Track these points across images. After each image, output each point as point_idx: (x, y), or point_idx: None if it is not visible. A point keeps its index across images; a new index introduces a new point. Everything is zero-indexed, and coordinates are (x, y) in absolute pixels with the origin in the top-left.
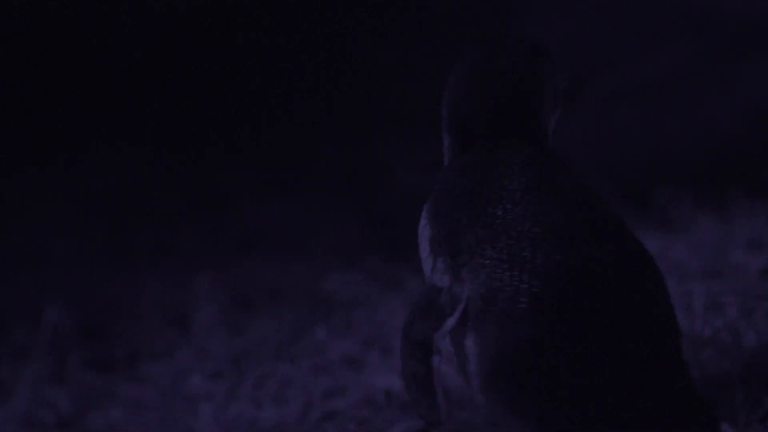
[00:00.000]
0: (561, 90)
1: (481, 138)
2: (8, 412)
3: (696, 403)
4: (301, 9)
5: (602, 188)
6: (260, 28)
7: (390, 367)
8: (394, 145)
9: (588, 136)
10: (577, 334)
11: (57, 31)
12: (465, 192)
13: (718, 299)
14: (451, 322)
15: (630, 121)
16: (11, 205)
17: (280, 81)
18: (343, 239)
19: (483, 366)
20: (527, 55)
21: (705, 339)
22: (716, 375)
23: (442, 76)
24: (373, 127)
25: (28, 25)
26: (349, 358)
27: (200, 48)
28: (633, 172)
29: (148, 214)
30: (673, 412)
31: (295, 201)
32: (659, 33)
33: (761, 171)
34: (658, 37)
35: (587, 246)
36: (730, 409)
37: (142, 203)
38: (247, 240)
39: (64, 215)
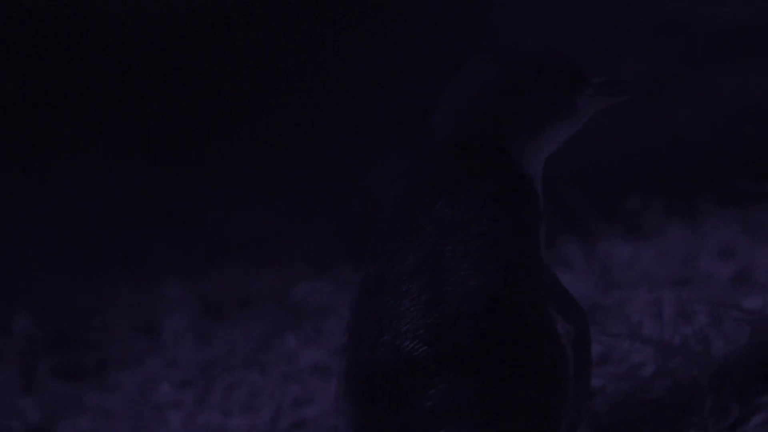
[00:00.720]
0: (562, 102)
1: (438, 157)
2: None
3: None
4: (274, 17)
5: (572, 195)
6: (231, 37)
7: None
8: (367, 153)
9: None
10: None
11: (25, 38)
12: (390, 220)
13: (688, 307)
14: None
15: (601, 127)
16: None
17: (252, 88)
18: (314, 247)
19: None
20: (501, 70)
21: (674, 347)
22: (685, 383)
23: (418, 85)
24: (345, 135)
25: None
26: (319, 366)
27: (174, 56)
28: (603, 178)
29: (117, 222)
30: None
31: (265, 208)
32: (631, 40)
33: (732, 178)
34: (629, 44)
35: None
36: (699, 417)
37: (112, 210)
38: (217, 247)
39: (34, 222)
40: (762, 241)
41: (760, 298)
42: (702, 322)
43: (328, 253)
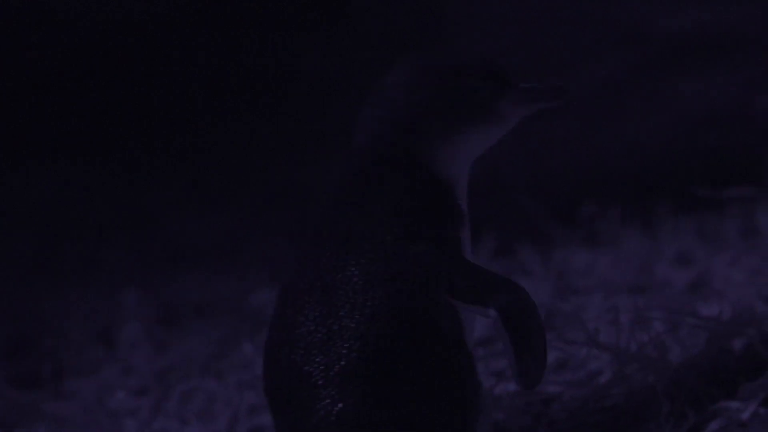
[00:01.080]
0: (481, 107)
1: (353, 167)
2: None
3: None
4: (232, 24)
5: (529, 203)
6: (188, 45)
7: None
8: (325, 160)
9: (516, 150)
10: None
11: None
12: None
13: (645, 314)
14: None
15: (558, 135)
16: None
17: (210, 95)
18: (271, 254)
19: None
20: (414, 77)
21: (631, 353)
22: (642, 389)
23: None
24: (303, 141)
25: None
26: None
27: (132, 63)
28: (560, 186)
29: (74, 229)
30: None
31: (223, 215)
32: (588, 47)
33: (688, 186)
34: (586, 51)
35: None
36: (655, 423)
37: (68, 218)
38: (175, 254)
39: None
40: (718, 249)
41: (716, 305)
42: (658, 328)
43: (285, 260)
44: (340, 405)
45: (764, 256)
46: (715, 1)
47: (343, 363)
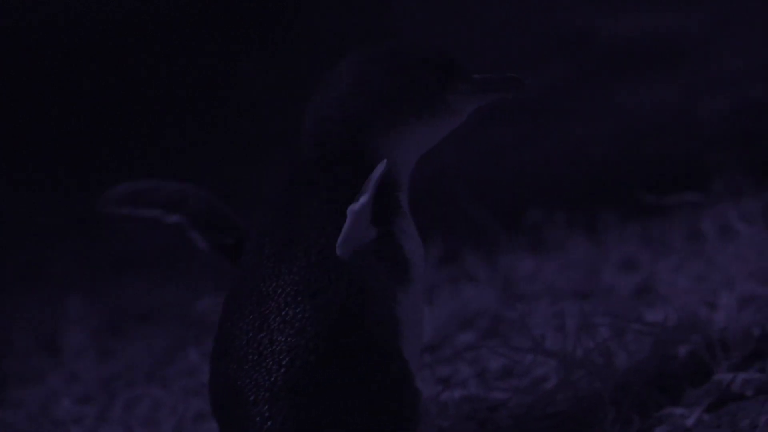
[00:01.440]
0: (428, 99)
1: (298, 165)
2: None
3: None
4: (180, 29)
5: (475, 209)
6: (132, 50)
7: None
8: (269, 162)
9: (462, 156)
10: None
11: None
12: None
13: (590, 320)
14: None
15: (504, 141)
16: None
17: (156, 100)
18: (215, 261)
19: None
20: (357, 71)
21: (577, 359)
22: (588, 395)
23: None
24: (247, 145)
25: None
26: None
27: (77, 67)
28: (506, 192)
29: (18, 235)
30: None
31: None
32: (532, 53)
33: (633, 192)
34: (531, 57)
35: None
36: (601, 429)
37: (13, 224)
38: (119, 261)
39: None
40: (663, 254)
41: (662, 311)
42: (604, 334)
43: (229, 267)
44: (269, 423)
45: (709, 262)
46: (659, 8)
47: (272, 379)
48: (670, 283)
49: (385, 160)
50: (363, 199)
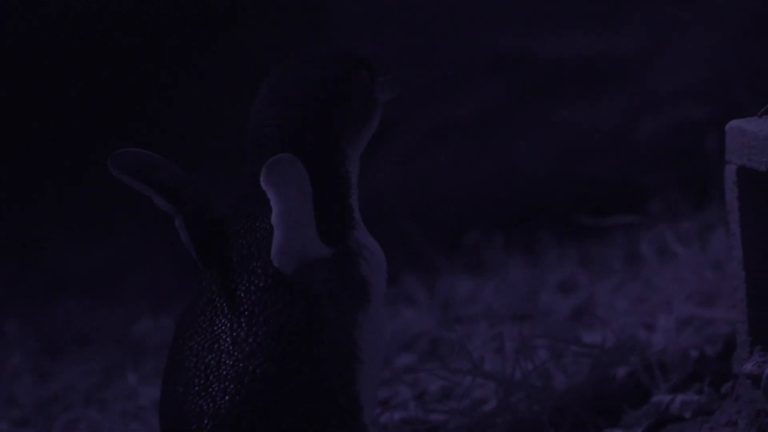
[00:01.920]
0: (375, 98)
1: (242, 181)
2: None
3: None
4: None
5: (413, 231)
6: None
7: None
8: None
9: (399, 177)
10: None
11: None
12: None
13: (529, 342)
14: None
15: (441, 162)
16: None
17: (91, 119)
18: (154, 283)
19: None
20: (288, 79)
21: (516, 382)
22: (527, 417)
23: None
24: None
25: None
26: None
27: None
28: (444, 214)
29: None
30: None
31: (104, 243)
32: (470, 73)
33: (570, 213)
34: (468, 77)
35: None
36: None
37: None
38: (56, 283)
39: None
40: (601, 276)
41: (600, 333)
42: (543, 356)
43: (168, 289)
44: None
45: (647, 284)
46: (595, 30)
47: (216, 407)
48: (608, 304)
49: (287, 155)
50: (275, 209)
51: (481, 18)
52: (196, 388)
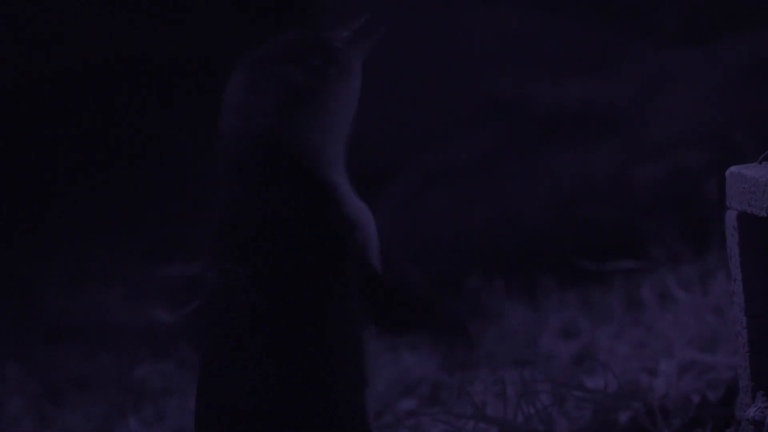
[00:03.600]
0: (313, 80)
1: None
2: None
3: None
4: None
5: (412, 276)
6: (57, 106)
7: None
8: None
9: (397, 223)
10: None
11: None
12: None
13: (531, 386)
14: None
15: (439, 207)
16: None
17: (83, 160)
18: (153, 327)
19: None
20: (239, 78)
21: (518, 426)
22: None
23: None
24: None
25: None
26: None
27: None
28: (443, 259)
29: None
30: None
31: (102, 288)
32: (467, 119)
33: (571, 258)
34: (465, 123)
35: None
36: None
37: None
38: (55, 329)
39: None
40: (602, 321)
41: (602, 378)
42: (545, 401)
43: (167, 333)
44: None
45: (648, 329)
46: (593, 76)
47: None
48: (609, 349)
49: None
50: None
51: (479, 64)
52: (200, 396)
